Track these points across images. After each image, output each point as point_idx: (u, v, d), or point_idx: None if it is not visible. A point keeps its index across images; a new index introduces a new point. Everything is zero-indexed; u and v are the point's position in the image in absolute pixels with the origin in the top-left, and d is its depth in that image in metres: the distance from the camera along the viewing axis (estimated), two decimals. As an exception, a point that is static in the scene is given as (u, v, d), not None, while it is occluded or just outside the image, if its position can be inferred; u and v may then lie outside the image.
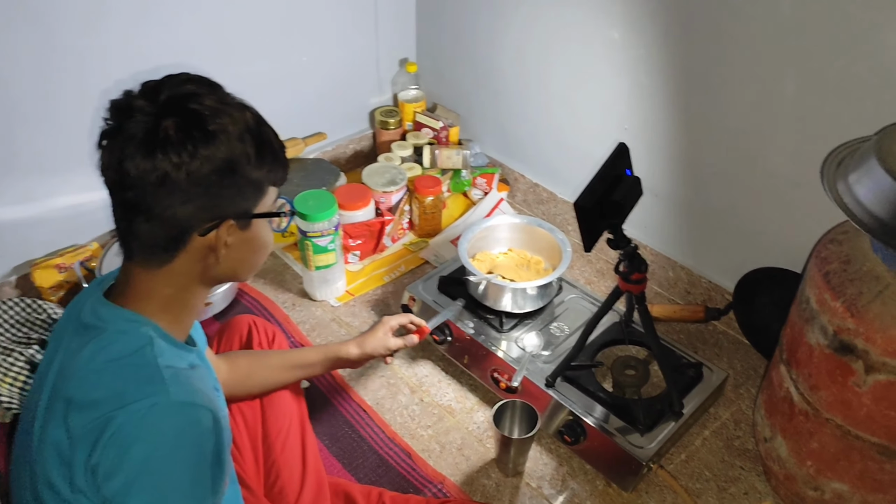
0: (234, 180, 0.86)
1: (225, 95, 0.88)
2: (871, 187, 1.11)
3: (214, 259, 0.90)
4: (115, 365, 0.85)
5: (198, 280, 0.93)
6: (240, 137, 0.85)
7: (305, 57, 2.12)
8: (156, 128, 0.82)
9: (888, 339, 1.12)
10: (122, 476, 0.78)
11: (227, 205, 0.88)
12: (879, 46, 1.35)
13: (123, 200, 0.86)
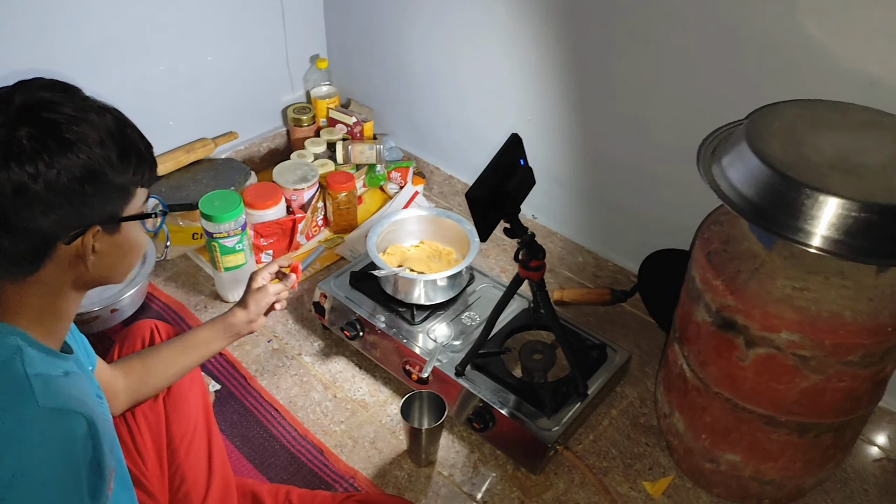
0: (97, 187, 0.84)
1: (83, 100, 0.86)
2: (743, 170, 1.16)
3: (84, 266, 0.89)
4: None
5: (68, 287, 0.91)
6: (100, 143, 0.83)
7: (211, 56, 2.09)
8: (9, 139, 0.80)
9: (764, 315, 1.17)
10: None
11: (91, 212, 0.86)
12: (749, 35, 1.41)
13: None
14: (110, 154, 0.84)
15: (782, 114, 1.23)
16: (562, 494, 1.48)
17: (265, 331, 1.81)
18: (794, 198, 1.08)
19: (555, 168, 1.91)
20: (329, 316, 1.74)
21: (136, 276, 1.75)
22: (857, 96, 1.27)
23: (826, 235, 1.06)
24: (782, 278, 1.17)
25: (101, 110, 0.86)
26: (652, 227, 1.76)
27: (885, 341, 1.15)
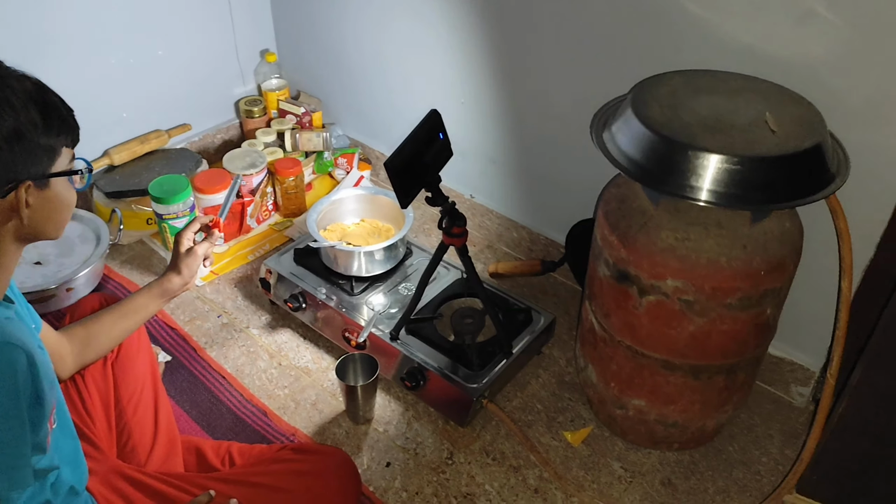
0: (24, 146, 0.93)
1: (3, 69, 0.95)
2: (628, 134, 1.29)
3: (18, 220, 0.98)
4: None
5: (9, 240, 1.00)
6: (23, 106, 0.93)
7: (161, 51, 2.19)
8: None
9: (652, 264, 1.29)
10: None
11: (21, 168, 0.95)
12: (644, 13, 1.53)
13: None
14: (33, 116, 0.93)
15: (666, 82, 1.35)
16: (488, 445, 1.59)
17: (215, 307, 1.91)
18: (670, 155, 1.21)
19: (489, 148, 2.03)
20: (274, 290, 1.84)
21: (91, 256, 1.85)
22: (740, 66, 1.40)
23: (698, 186, 1.18)
24: (667, 230, 1.29)
25: (22, 77, 0.95)
26: (577, 199, 1.88)
27: (759, 285, 1.27)
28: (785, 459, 1.58)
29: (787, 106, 1.27)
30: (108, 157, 2.11)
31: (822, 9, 1.30)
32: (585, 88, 1.72)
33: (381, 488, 1.50)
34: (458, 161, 2.02)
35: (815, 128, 1.22)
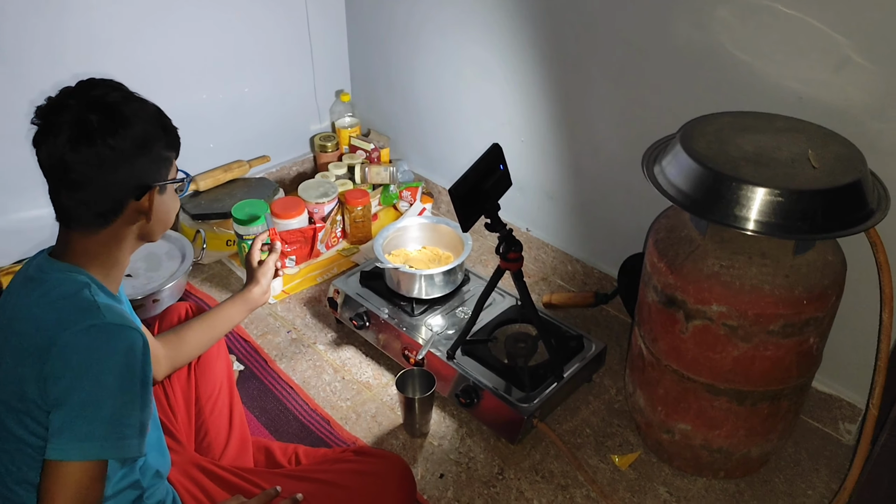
0: (152, 154, 1.09)
1: (129, 91, 1.11)
2: (677, 166, 1.38)
3: (144, 220, 1.13)
4: (59, 303, 1.06)
5: (132, 238, 1.15)
6: (149, 120, 1.09)
7: (248, 89, 2.39)
8: (84, 121, 1.04)
9: (699, 290, 1.37)
10: (65, 381, 0.99)
11: (151, 174, 1.11)
12: (697, 59, 1.64)
13: (68, 182, 1.06)
14: (156, 129, 1.10)
15: (714, 121, 1.44)
16: (537, 463, 1.66)
17: (286, 323, 2.05)
18: (717, 187, 1.29)
19: (546, 184, 2.13)
20: (341, 309, 1.97)
21: (176, 272, 2.01)
22: (784, 109, 1.48)
23: (743, 216, 1.26)
24: (713, 258, 1.36)
25: (144, 100, 1.12)
26: (630, 234, 1.96)
27: (801, 313, 1.33)
28: (831, 494, 1.60)
29: (828, 145, 1.35)
30: (195, 183, 2.30)
31: (858, 57, 1.39)
32: (637, 129, 1.82)
33: (435, 497, 1.58)
34: (517, 195, 2.14)
35: (855, 165, 1.29)
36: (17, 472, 1.06)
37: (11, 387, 1.03)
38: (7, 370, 1.05)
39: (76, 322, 1.02)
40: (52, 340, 1.01)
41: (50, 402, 1.01)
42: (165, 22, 2.13)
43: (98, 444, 1.01)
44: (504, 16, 2.00)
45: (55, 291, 1.07)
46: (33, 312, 1.06)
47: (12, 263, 2.06)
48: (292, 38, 2.44)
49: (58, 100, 1.07)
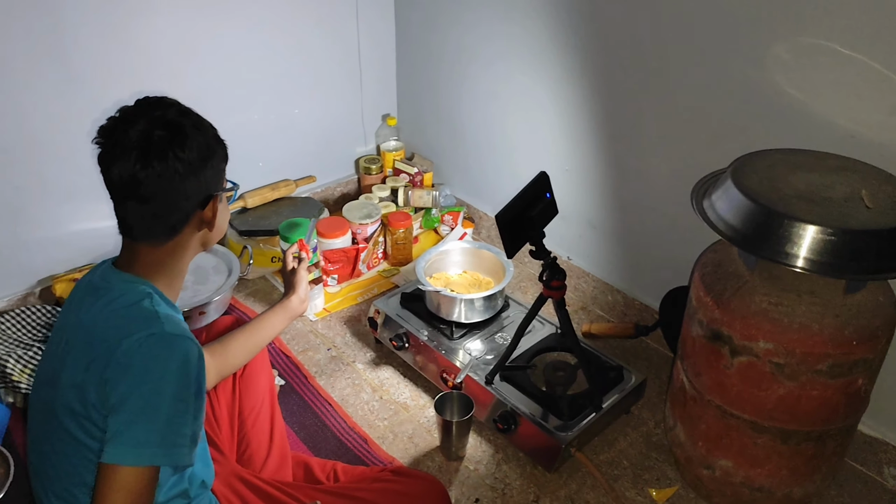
0: (212, 164, 1.14)
1: (185, 107, 1.16)
2: (727, 202, 1.38)
3: (208, 228, 1.18)
4: (122, 311, 1.10)
5: (195, 245, 1.19)
6: (207, 133, 1.14)
7: (297, 110, 2.45)
8: (152, 137, 1.08)
9: (745, 326, 1.36)
10: (123, 386, 1.02)
11: (213, 183, 1.16)
12: (747, 95, 1.64)
13: (138, 197, 1.08)
14: (214, 142, 1.15)
15: (766, 158, 1.45)
16: (574, 493, 1.65)
17: (326, 340, 2.08)
18: (767, 223, 1.29)
19: (589, 213, 2.14)
20: (381, 330, 1.99)
21: (223, 286, 2.05)
22: (837, 148, 1.48)
23: (793, 254, 1.26)
24: (761, 294, 1.36)
25: (199, 115, 1.17)
26: (672, 267, 1.96)
27: (850, 353, 1.32)
28: (875, 540, 1.57)
29: (882, 185, 1.34)
30: (243, 200, 2.36)
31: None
32: (684, 162, 1.83)
33: (469, 522, 1.59)
34: (559, 223, 2.14)
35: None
36: (75, 474, 1.09)
37: (74, 391, 1.07)
38: (70, 375, 1.08)
39: (137, 330, 1.06)
40: (113, 347, 1.04)
41: (108, 406, 1.04)
42: (223, 44, 2.20)
43: (152, 450, 1.03)
44: (554, 46, 2.03)
45: (119, 300, 1.11)
46: (97, 320, 1.10)
47: (67, 271, 2.12)
48: (343, 62, 2.49)
49: (121, 118, 1.11)
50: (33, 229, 2.04)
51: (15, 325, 1.98)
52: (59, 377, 1.10)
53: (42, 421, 1.15)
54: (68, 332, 1.15)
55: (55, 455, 1.12)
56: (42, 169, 2.00)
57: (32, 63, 1.87)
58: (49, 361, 1.17)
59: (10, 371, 1.81)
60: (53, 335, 1.20)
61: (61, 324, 1.19)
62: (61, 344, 1.15)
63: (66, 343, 1.13)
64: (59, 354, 1.14)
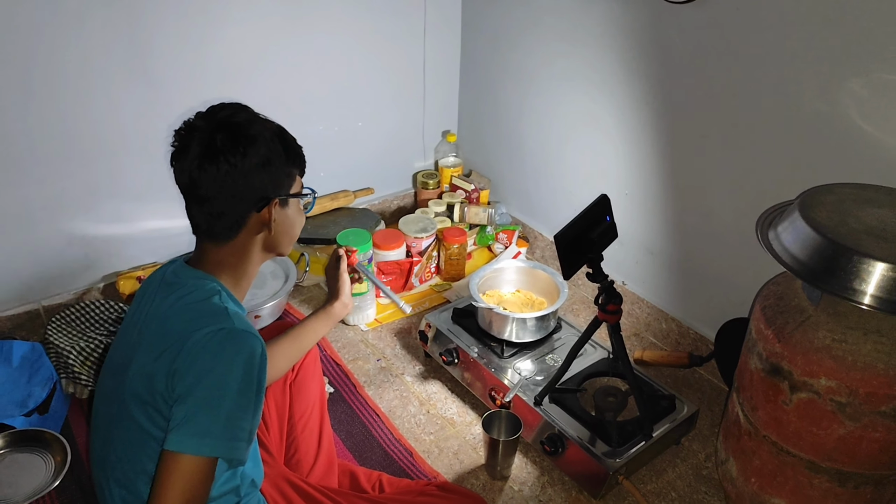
0: (273, 170, 1.16)
1: (254, 112, 1.20)
2: (795, 235, 1.35)
3: (267, 232, 1.20)
4: (192, 306, 1.13)
5: (257, 248, 1.22)
6: (271, 139, 1.16)
7: (361, 123, 2.49)
8: (211, 141, 1.13)
9: (807, 362, 1.33)
10: (190, 377, 1.06)
11: (271, 189, 1.18)
12: (816, 126, 1.61)
13: (197, 197, 1.15)
14: (278, 148, 1.17)
15: (835, 191, 1.41)
16: (619, 521, 1.63)
17: (376, 351, 2.09)
18: (835, 258, 1.26)
19: (647, 239, 2.12)
20: (431, 344, 2.00)
21: (279, 291, 2.09)
22: (911, 184, 1.44)
23: (861, 290, 1.22)
24: (824, 331, 1.33)
25: (268, 120, 1.20)
26: (730, 297, 1.93)
27: (918, 397, 1.27)
28: None
29: (959, 224, 1.30)
30: (302, 209, 2.40)
31: None
32: (749, 192, 1.80)
33: (511, 543, 1.57)
34: (616, 248, 2.13)
35: None
36: (136, 461, 1.12)
37: (143, 379, 1.10)
38: (141, 364, 1.12)
39: (207, 325, 1.09)
40: (184, 339, 1.08)
41: (175, 396, 1.07)
42: (294, 57, 2.26)
43: (212, 442, 1.06)
44: (619, 70, 2.02)
45: (190, 296, 1.15)
46: (170, 313, 1.14)
47: (131, 269, 2.19)
48: (408, 79, 2.54)
49: (191, 122, 1.16)
50: (102, 227, 2.12)
51: (78, 318, 2.05)
52: (129, 366, 1.14)
53: (108, 408, 1.19)
54: (141, 323, 1.18)
55: (119, 442, 1.15)
56: (115, 169, 2.07)
57: (112, 68, 1.95)
58: (120, 350, 1.21)
59: (71, 362, 1.88)
60: (125, 326, 1.24)
61: (134, 315, 1.23)
62: (133, 334, 1.18)
63: (139, 333, 1.17)
64: (131, 344, 1.17)
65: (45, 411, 1.79)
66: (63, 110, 1.92)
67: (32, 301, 2.10)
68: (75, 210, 2.06)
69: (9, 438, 1.71)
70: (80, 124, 1.96)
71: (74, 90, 1.92)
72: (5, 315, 2.06)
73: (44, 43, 1.83)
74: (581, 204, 1.58)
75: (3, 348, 1.91)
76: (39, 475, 1.65)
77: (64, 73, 1.88)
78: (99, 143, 2.02)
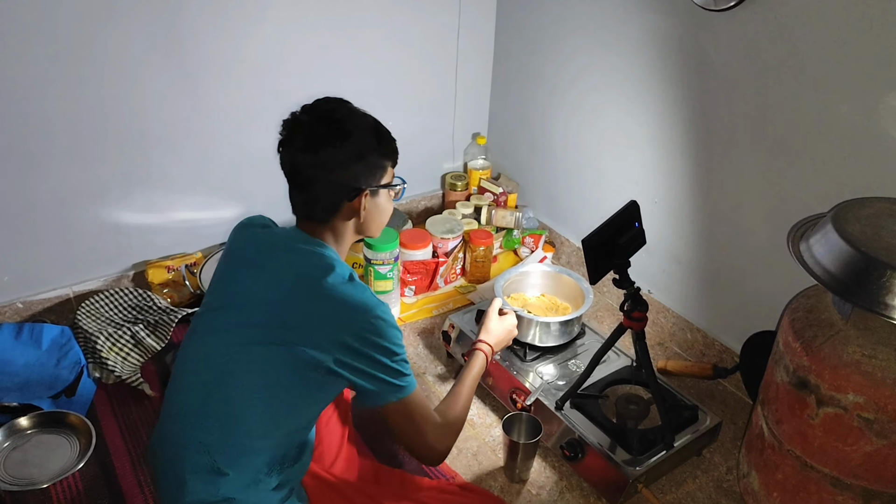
0: (367, 162, 1.26)
1: (353, 107, 1.29)
2: (826, 247, 1.33)
3: (357, 219, 1.30)
4: (314, 258, 1.25)
5: (350, 231, 1.33)
6: (366, 134, 1.25)
7: (392, 122, 2.49)
8: (313, 132, 1.23)
9: (835, 376, 1.31)
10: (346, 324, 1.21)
11: (364, 179, 1.27)
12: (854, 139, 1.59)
13: (297, 183, 1.27)
14: (372, 141, 1.26)
15: (870, 205, 1.39)
16: (636, 530, 1.62)
17: (398, 350, 2.10)
18: (868, 272, 1.24)
19: (674, 248, 2.11)
20: (454, 344, 2.00)
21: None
22: (948, 201, 1.41)
23: (893, 305, 1.21)
24: (854, 345, 1.31)
25: (365, 114, 1.29)
26: (757, 310, 1.90)
27: (948, 416, 1.25)
28: None
29: None
30: (331, 206, 2.42)
31: None
32: (780, 203, 1.78)
33: (527, 546, 1.57)
34: (642, 256, 2.10)
35: None
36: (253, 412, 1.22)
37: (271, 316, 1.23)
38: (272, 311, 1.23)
39: (337, 274, 1.22)
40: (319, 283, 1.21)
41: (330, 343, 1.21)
42: (326, 55, 2.27)
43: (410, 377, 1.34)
44: (651, 77, 2.01)
45: (305, 250, 1.28)
46: (292, 264, 1.25)
47: (160, 258, 2.22)
48: (440, 80, 2.55)
49: (298, 113, 1.27)
50: (134, 215, 2.15)
51: (107, 304, 2.08)
52: (247, 319, 1.24)
53: (215, 364, 1.25)
54: (263, 284, 1.25)
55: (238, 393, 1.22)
56: (149, 160, 2.11)
57: (149, 59, 1.98)
58: (236, 308, 1.27)
59: (99, 348, 1.91)
60: (233, 289, 1.30)
61: (246, 277, 1.29)
62: (252, 294, 1.26)
63: (270, 292, 1.24)
64: (251, 304, 1.25)
65: (71, 394, 1.82)
66: (100, 99, 1.96)
67: (64, 286, 2.13)
68: (109, 198, 2.09)
69: (36, 420, 1.74)
70: (116, 113, 2.00)
71: (111, 79, 1.95)
72: (37, 298, 2.10)
73: (84, 32, 1.86)
74: (609, 211, 1.57)
75: (33, 331, 1.95)
76: (64, 457, 1.68)
77: (100, 62, 1.92)
78: (135, 133, 2.05)
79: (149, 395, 1.87)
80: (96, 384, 1.91)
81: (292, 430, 1.27)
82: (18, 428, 1.73)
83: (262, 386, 1.21)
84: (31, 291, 2.09)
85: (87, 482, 1.64)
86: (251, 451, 1.22)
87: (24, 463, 1.66)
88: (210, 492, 1.20)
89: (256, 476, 1.22)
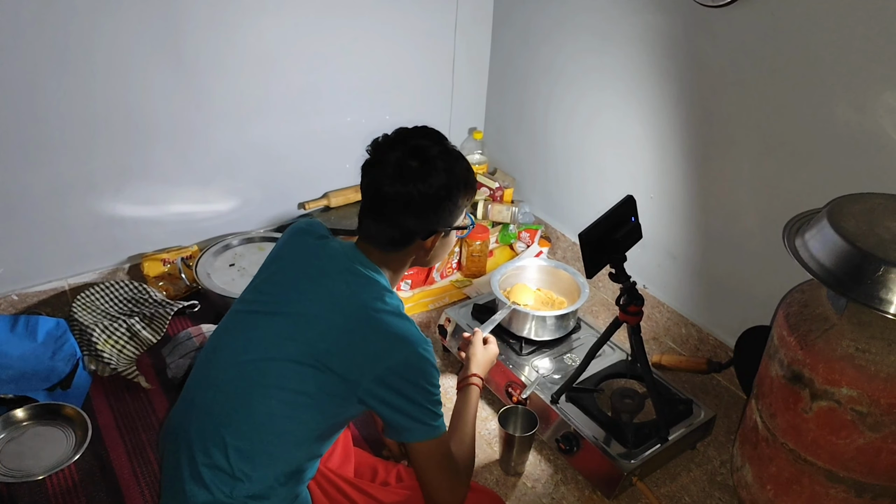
0: (449, 204, 1.24)
1: (449, 146, 1.27)
2: (822, 243, 1.34)
3: (424, 254, 1.30)
4: (367, 288, 1.23)
5: (406, 265, 1.32)
6: (457, 176, 1.23)
7: (388, 116, 2.51)
8: (404, 165, 1.19)
9: (829, 370, 1.32)
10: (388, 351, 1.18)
11: (441, 220, 1.25)
12: (850, 137, 1.60)
13: (376, 211, 1.24)
14: (460, 183, 1.23)
15: (865, 201, 1.40)
16: (631, 523, 1.63)
17: (394, 343, 2.10)
18: (862, 267, 1.25)
19: (670, 243, 2.12)
20: (450, 338, 2.01)
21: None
22: (942, 197, 1.42)
23: (887, 300, 1.21)
24: (848, 340, 1.32)
25: (459, 155, 1.27)
26: (752, 305, 1.92)
27: (941, 410, 1.26)
28: None
29: None
30: (327, 199, 2.42)
31: None
32: (775, 199, 1.79)
33: (522, 538, 1.58)
34: (638, 251, 2.11)
35: None
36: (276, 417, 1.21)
37: (318, 346, 1.20)
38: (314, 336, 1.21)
39: (386, 308, 1.21)
40: (369, 316, 1.20)
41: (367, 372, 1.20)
42: (324, 49, 2.27)
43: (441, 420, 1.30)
44: (649, 73, 2.02)
45: (361, 278, 1.25)
46: (343, 291, 1.22)
47: (156, 251, 2.22)
48: (437, 74, 2.55)
49: (391, 138, 1.25)
50: (130, 208, 2.15)
51: (102, 297, 2.08)
52: (292, 334, 1.21)
53: (247, 373, 1.23)
54: (320, 299, 1.23)
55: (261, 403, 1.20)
56: (145, 152, 2.10)
57: (146, 52, 1.98)
58: (281, 314, 1.24)
59: (94, 340, 1.91)
60: (268, 294, 1.29)
61: (292, 283, 1.27)
62: (298, 305, 1.23)
63: (320, 307, 1.22)
64: (299, 317, 1.23)
65: (67, 387, 1.82)
66: (96, 91, 1.95)
67: (59, 278, 2.13)
68: (104, 191, 2.09)
69: (32, 411, 1.74)
70: (111, 106, 1.99)
71: (107, 71, 1.94)
72: (32, 291, 2.10)
73: (79, 24, 1.85)
74: (605, 206, 1.58)
75: (28, 323, 1.95)
76: (60, 448, 1.68)
77: (97, 54, 1.91)
78: (130, 126, 2.04)
79: (144, 387, 1.87)
80: (92, 377, 1.90)
81: (314, 448, 1.27)
82: (14, 420, 1.72)
83: (294, 403, 1.20)
84: (26, 284, 2.09)
85: (83, 474, 1.64)
86: (275, 463, 1.21)
87: (20, 455, 1.66)
88: (224, 491, 1.19)
89: (272, 485, 1.21)
